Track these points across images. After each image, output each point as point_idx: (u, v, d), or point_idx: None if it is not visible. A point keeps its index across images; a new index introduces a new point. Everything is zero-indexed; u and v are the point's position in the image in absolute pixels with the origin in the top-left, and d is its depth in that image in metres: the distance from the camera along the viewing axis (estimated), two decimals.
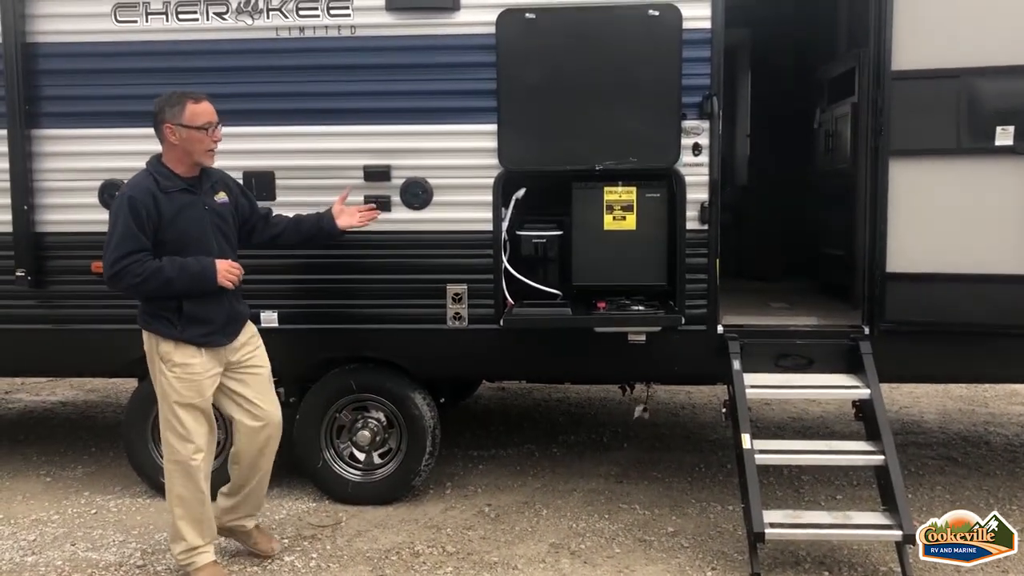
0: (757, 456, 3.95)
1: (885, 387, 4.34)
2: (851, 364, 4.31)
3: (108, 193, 4.45)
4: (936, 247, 4.19)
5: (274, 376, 4.99)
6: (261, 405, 3.84)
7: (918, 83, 4.12)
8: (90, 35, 4.43)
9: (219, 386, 3.74)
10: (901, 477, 3.87)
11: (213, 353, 3.69)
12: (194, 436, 3.65)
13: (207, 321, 3.64)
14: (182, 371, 3.61)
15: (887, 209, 4.21)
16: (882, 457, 3.94)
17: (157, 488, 4.70)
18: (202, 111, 3.59)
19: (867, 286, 4.37)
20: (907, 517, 3.72)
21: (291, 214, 4.16)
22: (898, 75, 4.14)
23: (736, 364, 4.23)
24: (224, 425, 4.32)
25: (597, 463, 5.34)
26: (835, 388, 4.28)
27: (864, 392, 4.14)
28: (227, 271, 3.64)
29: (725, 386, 4.35)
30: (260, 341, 3.94)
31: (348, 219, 4.12)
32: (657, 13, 4.15)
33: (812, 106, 6.13)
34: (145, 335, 3.69)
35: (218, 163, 4.36)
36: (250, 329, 3.91)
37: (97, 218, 4.46)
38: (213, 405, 3.75)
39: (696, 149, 4.25)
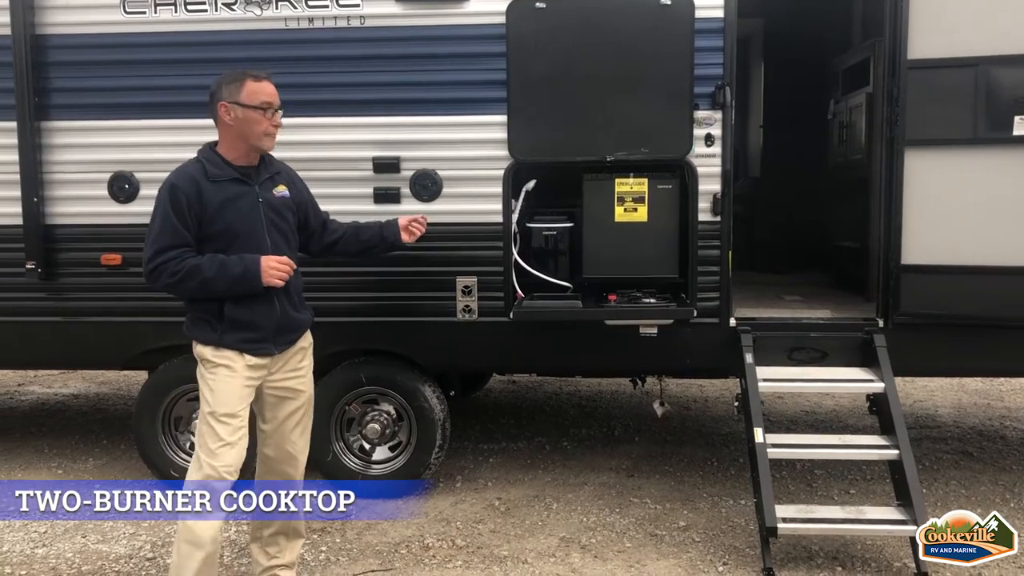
0: (770, 450, 3.92)
1: (899, 381, 4.30)
2: (865, 357, 4.27)
3: (118, 185, 4.45)
4: (952, 239, 4.14)
5: None
6: (295, 441, 3.47)
7: (934, 72, 4.06)
8: (99, 26, 4.41)
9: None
10: (916, 472, 3.83)
11: (259, 361, 3.28)
12: (224, 454, 3.15)
13: (252, 326, 3.24)
14: (221, 374, 3.21)
15: (902, 200, 4.16)
16: (896, 451, 3.89)
17: (167, 480, 4.71)
18: (261, 89, 3.26)
19: (882, 278, 4.32)
20: (922, 512, 3.67)
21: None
22: (914, 64, 4.08)
23: (749, 357, 4.19)
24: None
25: (608, 457, 5.31)
26: (849, 382, 4.23)
27: (878, 386, 4.10)
28: (275, 268, 3.21)
29: (737, 379, 4.32)
30: (311, 359, 3.55)
31: (406, 234, 3.84)
32: (669, 2, 4.09)
33: (826, 97, 6.08)
34: (192, 343, 3.33)
35: None
36: (306, 339, 3.53)
37: (107, 210, 4.48)
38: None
39: (708, 140, 4.21)
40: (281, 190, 3.39)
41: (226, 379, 3.22)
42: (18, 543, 4.16)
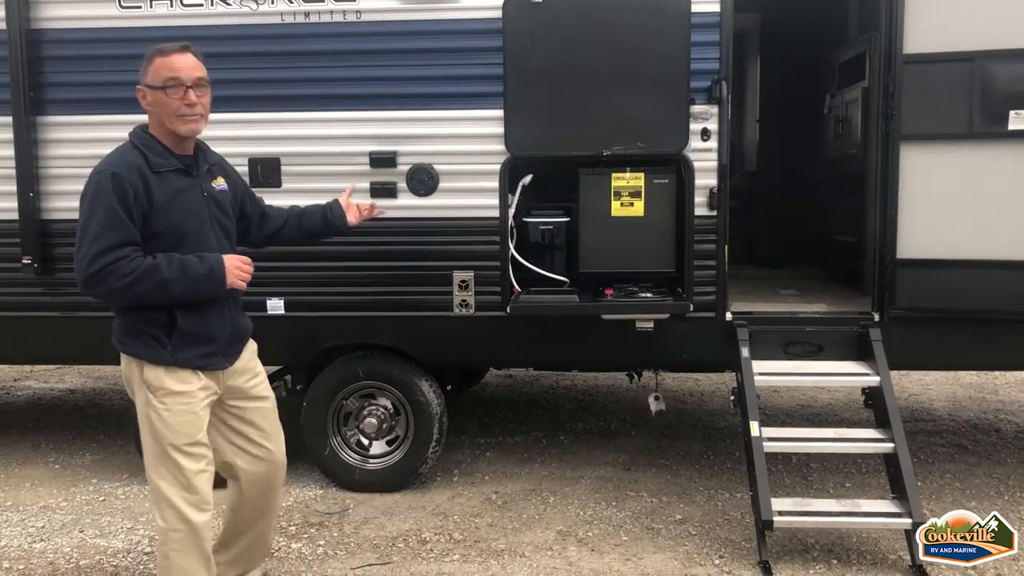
0: (766, 444, 3.93)
1: (895, 374, 4.31)
2: (861, 351, 4.28)
3: None
4: (948, 233, 4.15)
5: (281, 363, 5.02)
6: (269, 446, 3.19)
7: (930, 67, 4.07)
8: (95, 21, 4.41)
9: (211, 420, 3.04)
10: (911, 465, 3.85)
11: (211, 377, 2.99)
12: (197, 486, 2.90)
13: (207, 338, 2.93)
14: (176, 402, 2.86)
15: (898, 195, 4.17)
16: (891, 445, 3.91)
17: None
18: (166, 64, 2.85)
19: (877, 272, 4.33)
20: (917, 505, 3.69)
21: (292, 203, 4.10)
22: (910, 59, 4.09)
23: (745, 351, 4.20)
24: None
25: (604, 451, 5.32)
26: (844, 375, 4.25)
27: (874, 379, 4.11)
28: (238, 269, 2.94)
29: (733, 374, 4.33)
30: (261, 364, 3.29)
31: (352, 216, 3.70)
32: None
33: (822, 91, 6.09)
34: (124, 360, 2.93)
35: (224, 149, 4.37)
36: (251, 347, 3.25)
37: None
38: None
39: (705, 134, 4.21)
40: (220, 183, 3.10)
41: (183, 404, 2.88)
42: (15, 538, 4.17)
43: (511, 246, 4.36)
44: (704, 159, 4.23)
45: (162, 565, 2.97)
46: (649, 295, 4.25)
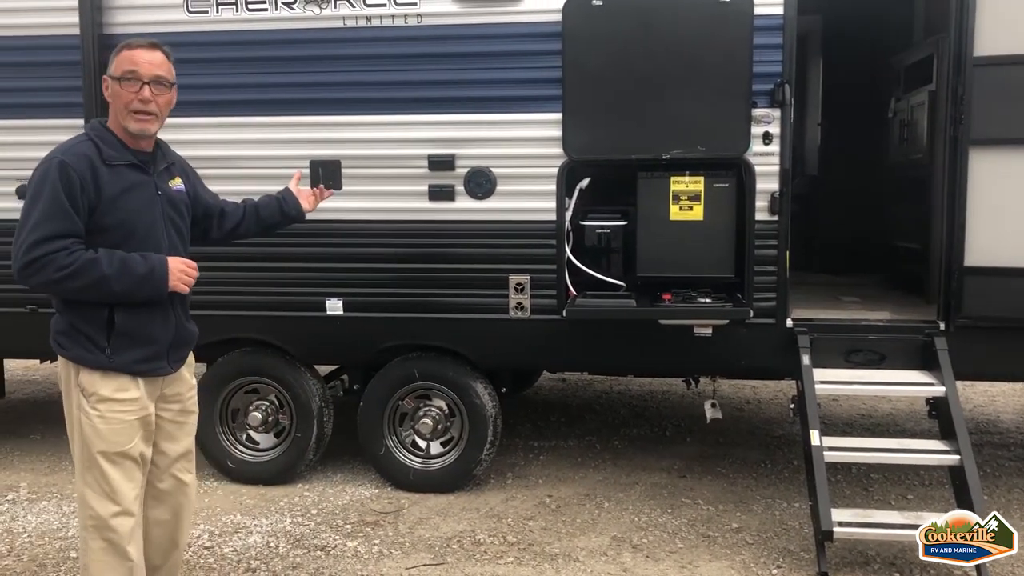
0: (826, 453, 3.86)
1: (960, 385, 4.20)
2: (925, 360, 4.19)
3: None
4: (1018, 240, 4.04)
5: (338, 363, 5.09)
6: (189, 468, 3.06)
7: (1002, 69, 3.97)
8: (163, 25, 4.49)
9: None
10: (978, 478, 3.75)
11: (150, 384, 2.84)
12: (122, 496, 2.77)
13: (148, 341, 2.79)
14: (110, 409, 2.74)
15: (966, 200, 4.08)
16: (957, 457, 3.81)
17: (224, 472, 4.81)
18: (128, 58, 2.76)
19: (943, 280, 4.23)
20: None
21: (354, 205, 4.15)
22: (981, 61, 3.99)
23: (805, 359, 4.13)
24: None
25: (659, 457, 5.28)
26: (909, 385, 4.16)
27: (939, 389, 4.01)
28: (183, 271, 2.82)
29: (792, 381, 4.26)
30: (194, 380, 3.11)
31: (307, 203, 3.49)
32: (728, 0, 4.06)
33: (886, 94, 5.97)
34: (60, 362, 2.81)
35: (286, 151, 4.46)
36: (191, 359, 3.06)
37: None
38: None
39: (767, 138, 4.16)
40: (177, 183, 2.98)
41: (116, 413, 2.75)
42: (67, 528, 4.27)
43: (567, 249, 4.35)
44: (766, 163, 4.17)
45: (83, 571, 2.86)
46: (708, 300, 4.20)
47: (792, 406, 4.22)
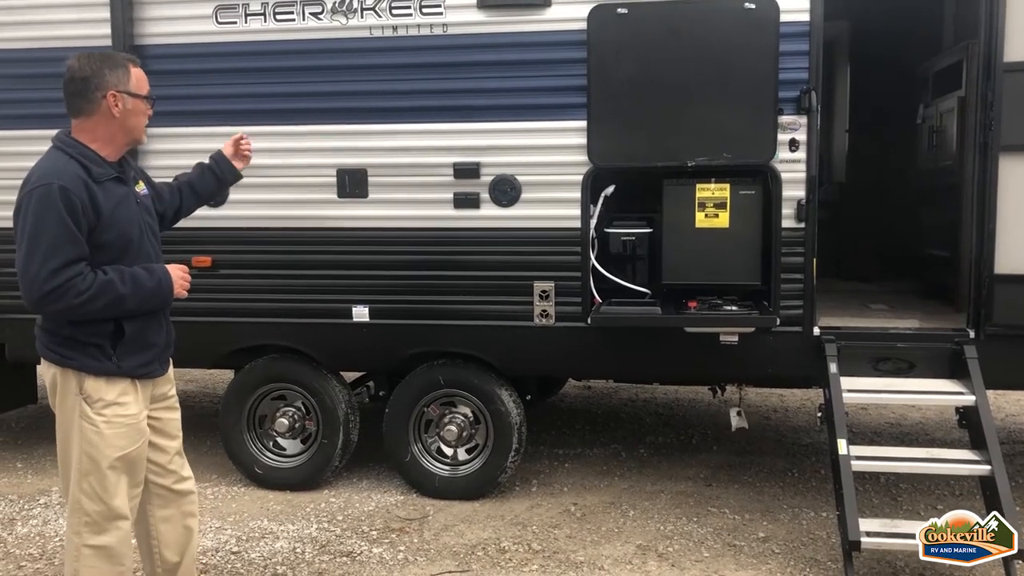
0: (854, 463, 3.82)
1: (990, 394, 4.15)
2: (955, 369, 4.14)
3: None
4: None
5: (364, 370, 5.12)
6: (185, 464, 3.13)
7: None
8: (193, 36, 4.58)
9: None
10: (1009, 488, 3.70)
11: (145, 387, 2.93)
12: (120, 502, 2.83)
13: (149, 346, 2.90)
14: (115, 413, 2.79)
15: (996, 207, 4.04)
16: (988, 467, 3.76)
17: (252, 477, 4.85)
18: (142, 77, 2.90)
19: (973, 288, 4.19)
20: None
21: (378, 213, 4.16)
22: (1010, 67, 3.97)
23: (833, 367, 4.10)
24: None
25: (685, 465, 5.26)
26: (938, 394, 4.12)
27: (969, 398, 3.97)
28: (182, 278, 2.96)
29: (819, 390, 4.23)
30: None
31: (239, 161, 3.52)
32: (753, 6, 4.04)
33: (914, 101, 5.92)
34: (58, 373, 2.81)
35: (313, 160, 4.51)
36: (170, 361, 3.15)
37: (199, 214, 4.59)
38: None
39: (793, 145, 4.14)
40: (142, 187, 3.02)
41: (121, 416, 2.81)
42: None
43: (592, 257, 4.35)
44: (792, 170, 4.15)
45: None
46: (734, 308, 4.19)
47: (819, 415, 4.18)
